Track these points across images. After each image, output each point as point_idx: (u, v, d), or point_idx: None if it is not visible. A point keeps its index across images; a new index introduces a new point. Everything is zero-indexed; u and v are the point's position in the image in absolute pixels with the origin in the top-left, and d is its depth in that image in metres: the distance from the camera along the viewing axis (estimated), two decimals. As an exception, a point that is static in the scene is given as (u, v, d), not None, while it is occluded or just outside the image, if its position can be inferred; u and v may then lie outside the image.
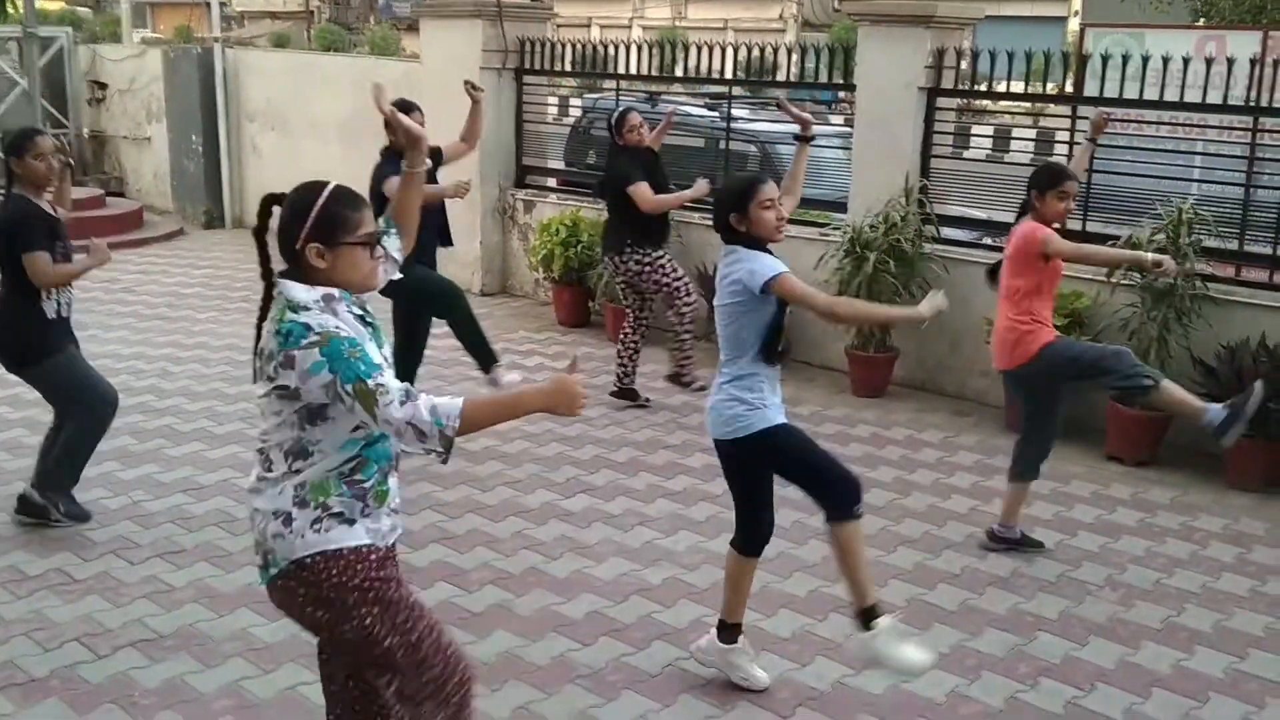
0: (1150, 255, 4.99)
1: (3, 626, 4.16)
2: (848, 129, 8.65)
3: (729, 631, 3.88)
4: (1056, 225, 4.92)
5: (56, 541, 4.85)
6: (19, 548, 4.80)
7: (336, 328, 2.54)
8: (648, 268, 6.64)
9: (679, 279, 6.65)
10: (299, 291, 2.59)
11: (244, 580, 4.52)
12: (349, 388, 2.47)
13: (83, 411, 4.90)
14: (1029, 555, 4.99)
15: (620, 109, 6.97)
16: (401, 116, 3.18)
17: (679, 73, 9.07)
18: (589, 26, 29.58)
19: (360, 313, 2.67)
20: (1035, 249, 4.76)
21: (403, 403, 2.47)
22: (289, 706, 3.69)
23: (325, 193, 2.64)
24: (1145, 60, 6.63)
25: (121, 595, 4.42)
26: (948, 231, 7.37)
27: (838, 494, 3.65)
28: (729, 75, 8.65)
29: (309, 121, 11.31)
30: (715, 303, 3.80)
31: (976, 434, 6.53)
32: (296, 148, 11.42)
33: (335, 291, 2.62)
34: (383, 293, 2.98)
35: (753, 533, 3.84)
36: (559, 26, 18.14)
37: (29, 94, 12.46)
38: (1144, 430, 6.16)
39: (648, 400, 6.91)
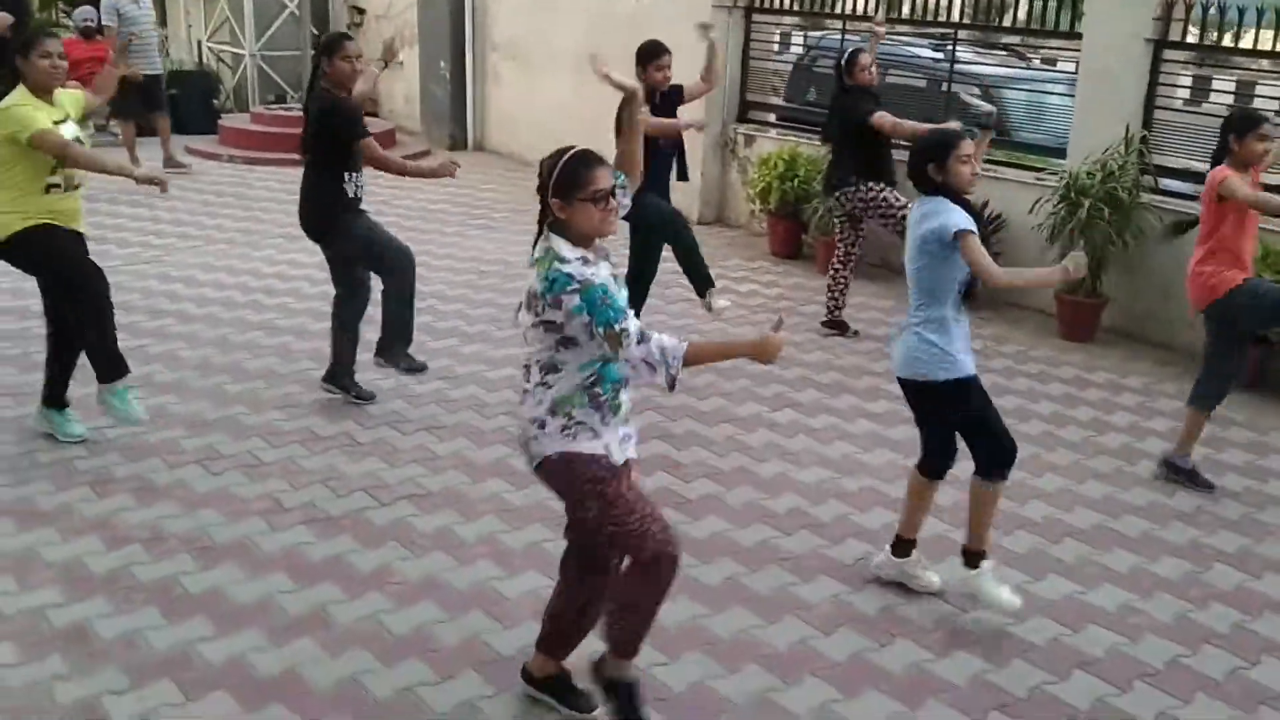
0: None
1: (304, 475, 5.02)
2: (1072, 73, 8.70)
3: (904, 546, 4.25)
4: (1260, 173, 5.03)
5: (342, 410, 5.72)
6: (314, 413, 5.68)
7: (593, 275, 3.12)
8: (873, 202, 6.99)
9: (904, 208, 6.94)
10: (564, 248, 3.17)
11: (496, 455, 5.26)
12: (601, 329, 3.08)
13: (390, 264, 5.68)
14: (1215, 496, 5.21)
15: (850, 49, 7.28)
16: (615, 75, 3.61)
17: (904, 13, 9.25)
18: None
19: (610, 266, 3.26)
20: (1213, 193, 4.94)
21: (639, 343, 3.08)
22: (536, 557, 4.37)
23: (565, 156, 3.19)
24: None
25: (397, 458, 5.22)
26: (1168, 183, 7.42)
27: (995, 457, 4.02)
28: (955, 17, 8.80)
29: (547, 53, 12.00)
30: (908, 249, 4.03)
31: (1180, 383, 6.64)
32: (535, 78, 12.16)
33: (590, 254, 3.19)
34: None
35: (934, 460, 4.17)
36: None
37: (296, 16, 13.63)
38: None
39: (856, 331, 7.31)
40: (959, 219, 3.86)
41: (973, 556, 4.10)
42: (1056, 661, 3.87)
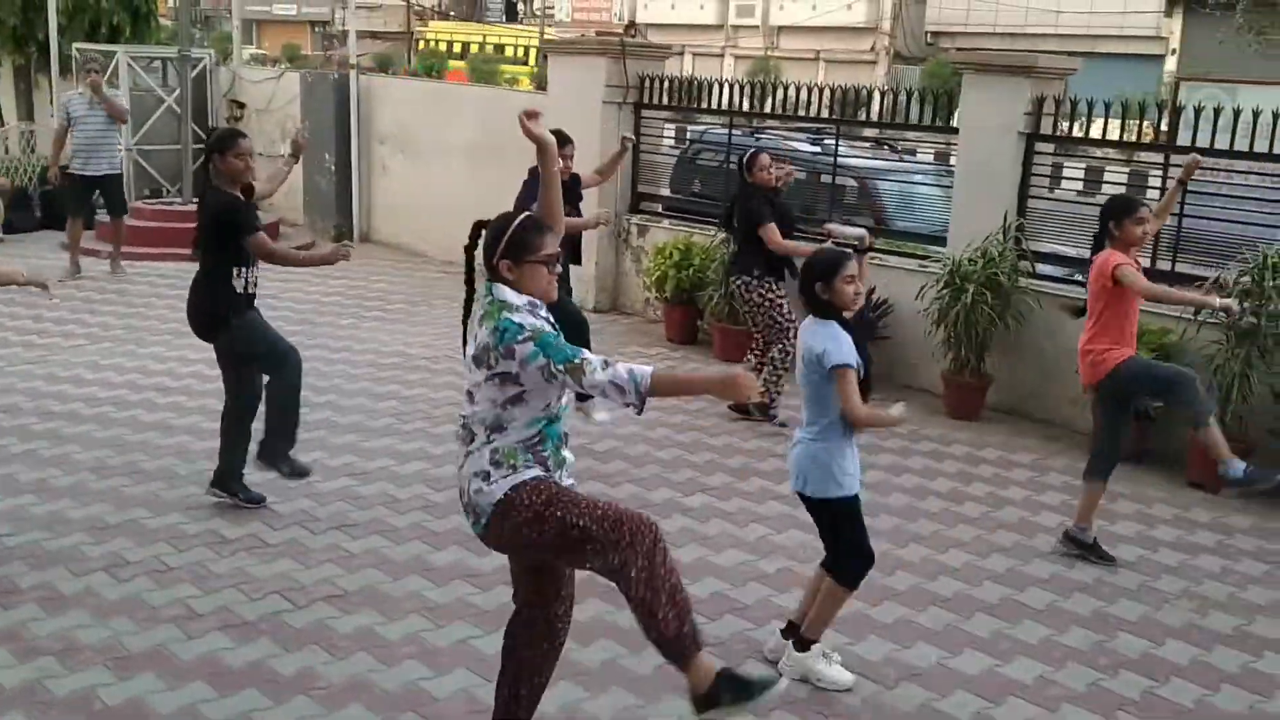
0: (1219, 300, 5.43)
1: (214, 579, 4.87)
2: (944, 166, 9.15)
3: (805, 643, 4.29)
4: (1138, 254, 5.41)
5: (247, 512, 5.57)
6: (218, 515, 5.53)
7: (543, 324, 3.20)
8: (763, 306, 7.21)
9: (790, 322, 7.09)
10: (510, 295, 3.24)
11: (414, 551, 5.20)
12: (561, 367, 3.13)
13: (278, 363, 5.57)
14: (1112, 567, 5.45)
15: (752, 149, 7.54)
16: (530, 125, 3.72)
17: (769, 109, 9.63)
18: (682, 54, 30.19)
19: (547, 315, 3.32)
20: (1108, 277, 5.26)
21: (604, 368, 3.12)
22: (465, 655, 4.32)
23: (518, 220, 3.32)
24: (1237, 113, 7.06)
25: (310, 558, 5.11)
26: (1042, 268, 7.84)
27: (858, 566, 4.19)
28: (824, 111, 9.21)
29: (437, 145, 12.10)
30: (799, 364, 4.25)
31: (1065, 458, 6.98)
32: (424, 169, 12.23)
33: (536, 300, 3.27)
34: None
35: (842, 566, 4.26)
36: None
37: (174, 111, 13.46)
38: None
39: (784, 423, 7.17)
40: (840, 353, 4.04)
41: (803, 640, 4.25)
42: (984, 735, 3.98)
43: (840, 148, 9.21)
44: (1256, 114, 6.97)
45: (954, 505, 6.18)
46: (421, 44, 33.05)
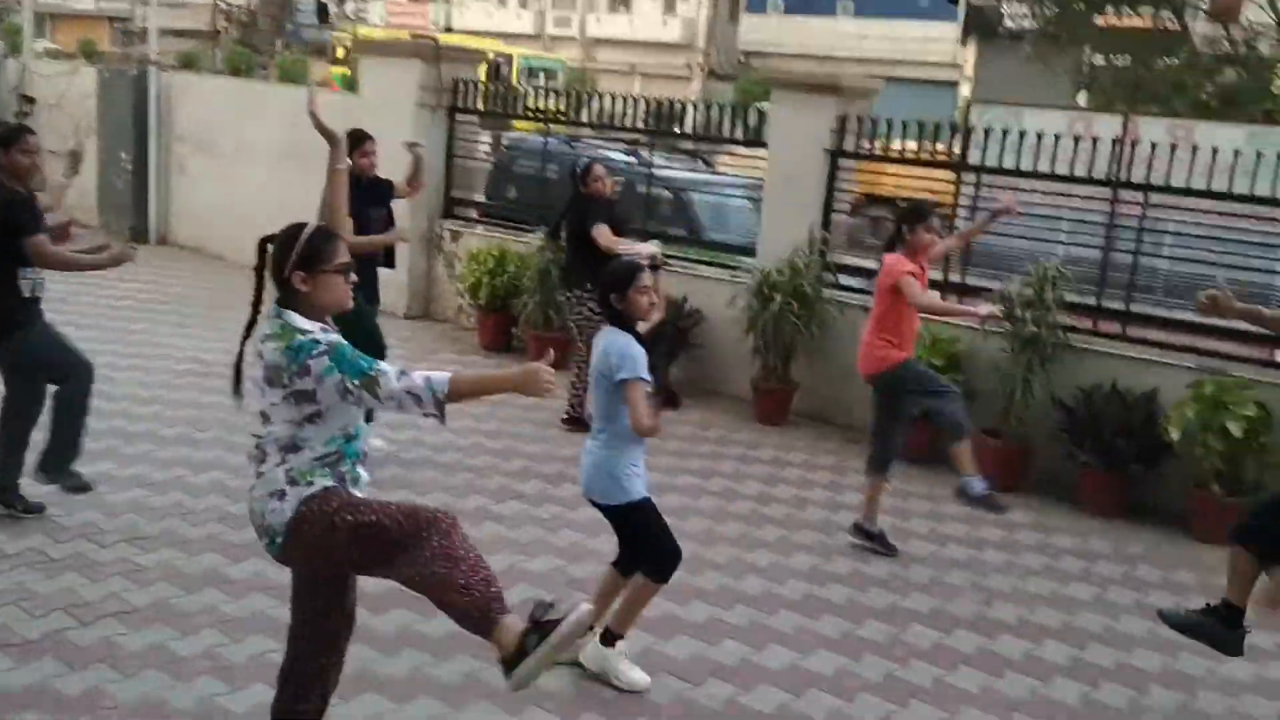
0: (983, 310, 5.89)
1: (-10, 596, 4.56)
2: (754, 180, 9.40)
3: (609, 637, 4.33)
4: (927, 262, 5.75)
5: (27, 524, 5.23)
6: (-4, 529, 5.18)
7: (337, 339, 3.14)
8: (592, 321, 7.23)
9: None
10: (300, 321, 3.17)
11: (208, 564, 4.99)
12: (355, 382, 3.05)
13: (65, 373, 5.27)
14: (905, 562, 5.70)
15: (586, 160, 7.55)
16: (319, 118, 3.62)
17: (587, 118, 9.72)
18: (498, 65, 30.09)
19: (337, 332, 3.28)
20: (891, 282, 5.56)
21: (399, 378, 3.06)
22: (262, 670, 4.15)
23: (309, 230, 3.24)
24: (1023, 135, 7.52)
25: (97, 573, 4.83)
26: (844, 279, 8.14)
27: (664, 562, 4.25)
28: (637, 124, 9.33)
29: (239, 145, 11.69)
30: (590, 371, 4.31)
31: (864, 459, 7.23)
32: (226, 170, 11.78)
33: (328, 323, 3.23)
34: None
35: (627, 564, 4.37)
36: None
37: (-46, 103, 12.59)
38: (1009, 461, 6.97)
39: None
40: (630, 367, 4.09)
41: (613, 638, 4.30)
42: (785, 727, 4.08)
43: (655, 160, 9.35)
44: (1040, 136, 7.43)
45: (761, 507, 6.34)
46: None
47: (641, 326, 4.23)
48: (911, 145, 8.05)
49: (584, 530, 5.71)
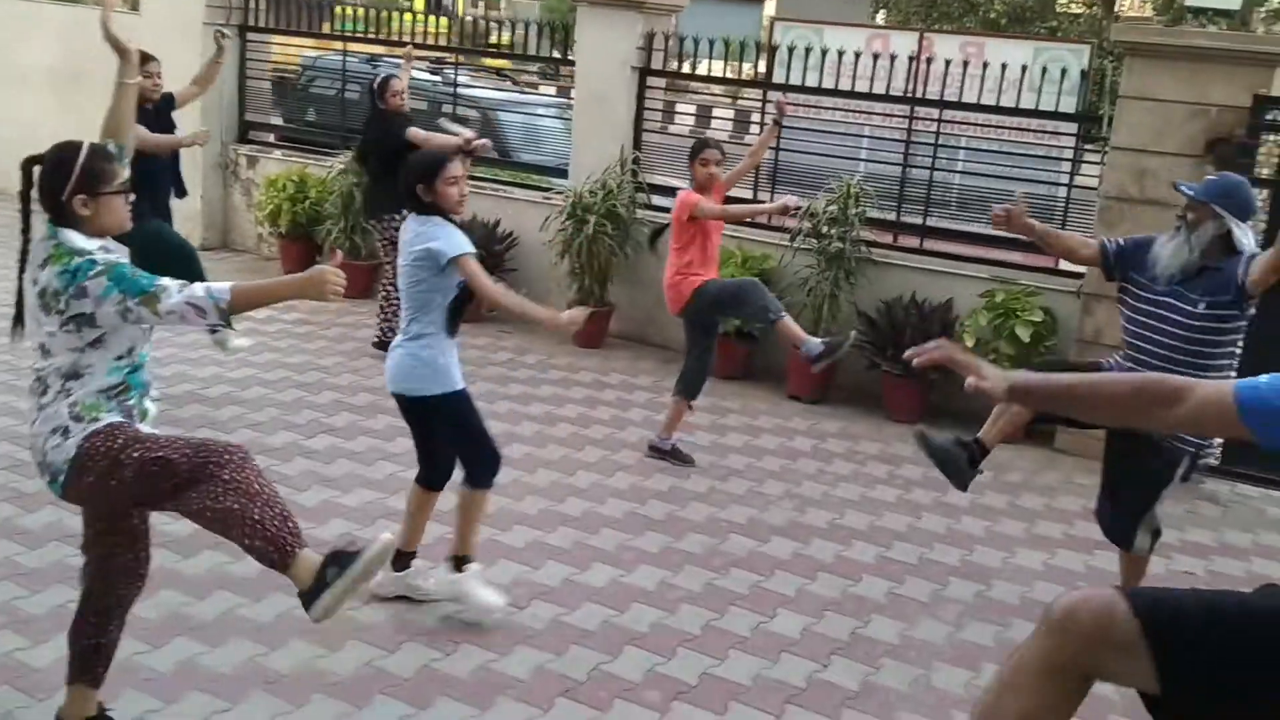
0: (779, 203, 6.01)
1: None
2: (566, 100, 9.31)
3: (404, 559, 4.28)
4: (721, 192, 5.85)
5: None
6: None
7: (117, 260, 2.99)
8: None
9: None
10: (79, 240, 3.00)
11: (2, 515, 4.69)
12: (135, 300, 2.92)
13: None
14: (724, 476, 5.84)
15: (382, 75, 7.26)
16: (111, 28, 3.40)
17: (394, 36, 9.40)
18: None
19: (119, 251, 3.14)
20: (685, 213, 5.66)
21: (179, 291, 2.93)
22: (63, 620, 3.94)
23: (84, 151, 3.04)
24: (824, 53, 7.65)
25: None
26: (657, 199, 8.17)
27: (483, 466, 4.17)
28: (445, 42, 9.09)
29: (15, 70, 10.79)
30: (401, 263, 4.14)
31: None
32: (-3, 95, 10.89)
33: (109, 242, 3.07)
34: (117, 239, 3.24)
35: (432, 472, 4.27)
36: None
37: None
38: (818, 374, 7.18)
39: None
40: (455, 244, 4.00)
41: (459, 561, 4.24)
42: (610, 642, 4.14)
43: (461, 78, 9.12)
44: (841, 54, 7.58)
45: (581, 429, 6.37)
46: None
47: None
48: (718, 65, 8.10)
49: (401, 462, 5.61)
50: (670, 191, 8.32)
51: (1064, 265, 6.83)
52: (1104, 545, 4.82)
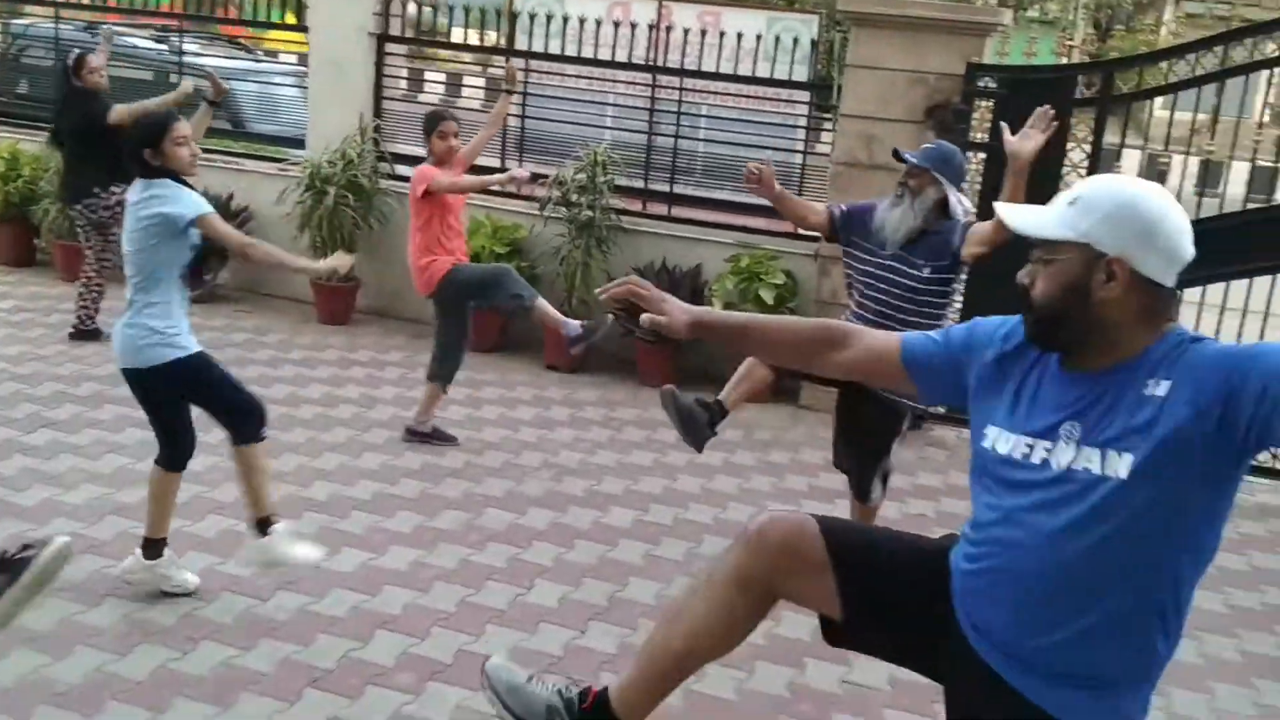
0: (508, 174, 5.93)
1: None
2: (302, 67, 8.93)
3: (155, 547, 4.06)
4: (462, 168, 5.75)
5: None
6: None
7: None
8: (119, 207, 6.56)
9: None
10: None
11: None
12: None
13: None
14: (480, 449, 5.77)
15: (78, 52, 6.77)
16: None
17: (112, 2, 8.78)
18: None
19: None
20: (420, 189, 5.54)
21: None
22: None
23: None
24: (565, 20, 7.62)
25: None
26: (402, 169, 7.95)
27: (248, 418, 4.01)
28: (175, 8, 8.56)
29: None
30: (126, 230, 3.91)
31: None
32: None
33: None
34: None
35: (173, 450, 4.05)
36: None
37: None
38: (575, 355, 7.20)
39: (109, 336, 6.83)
40: (192, 204, 3.85)
41: (263, 523, 4.06)
42: (360, 628, 4.01)
43: (190, 47, 8.59)
44: (582, 21, 7.56)
45: (328, 410, 6.14)
46: None
47: None
48: (459, 32, 7.94)
49: (131, 454, 5.26)
50: (417, 161, 8.11)
51: (802, 230, 7.07)
52: (844, 495, 5.01)
